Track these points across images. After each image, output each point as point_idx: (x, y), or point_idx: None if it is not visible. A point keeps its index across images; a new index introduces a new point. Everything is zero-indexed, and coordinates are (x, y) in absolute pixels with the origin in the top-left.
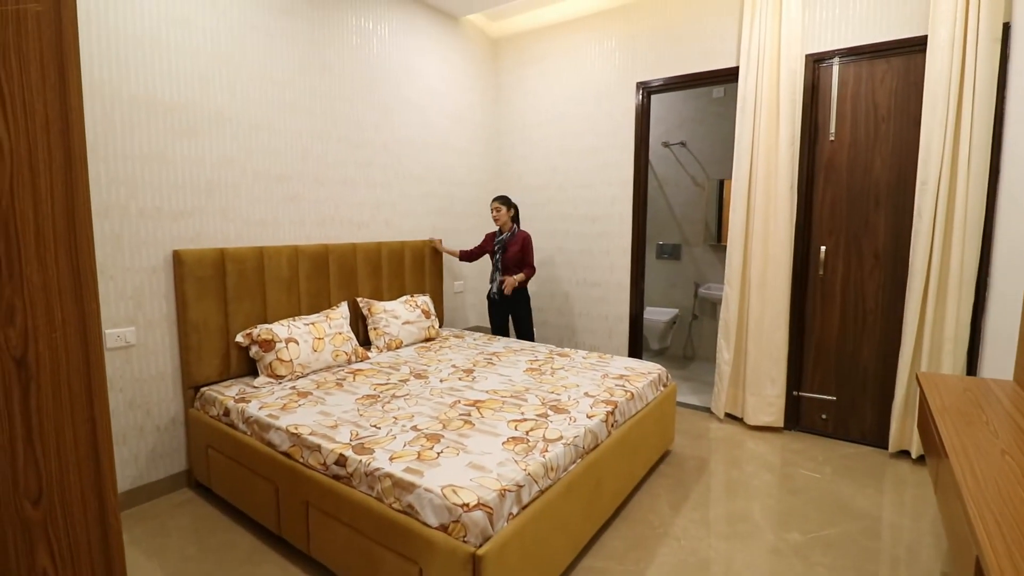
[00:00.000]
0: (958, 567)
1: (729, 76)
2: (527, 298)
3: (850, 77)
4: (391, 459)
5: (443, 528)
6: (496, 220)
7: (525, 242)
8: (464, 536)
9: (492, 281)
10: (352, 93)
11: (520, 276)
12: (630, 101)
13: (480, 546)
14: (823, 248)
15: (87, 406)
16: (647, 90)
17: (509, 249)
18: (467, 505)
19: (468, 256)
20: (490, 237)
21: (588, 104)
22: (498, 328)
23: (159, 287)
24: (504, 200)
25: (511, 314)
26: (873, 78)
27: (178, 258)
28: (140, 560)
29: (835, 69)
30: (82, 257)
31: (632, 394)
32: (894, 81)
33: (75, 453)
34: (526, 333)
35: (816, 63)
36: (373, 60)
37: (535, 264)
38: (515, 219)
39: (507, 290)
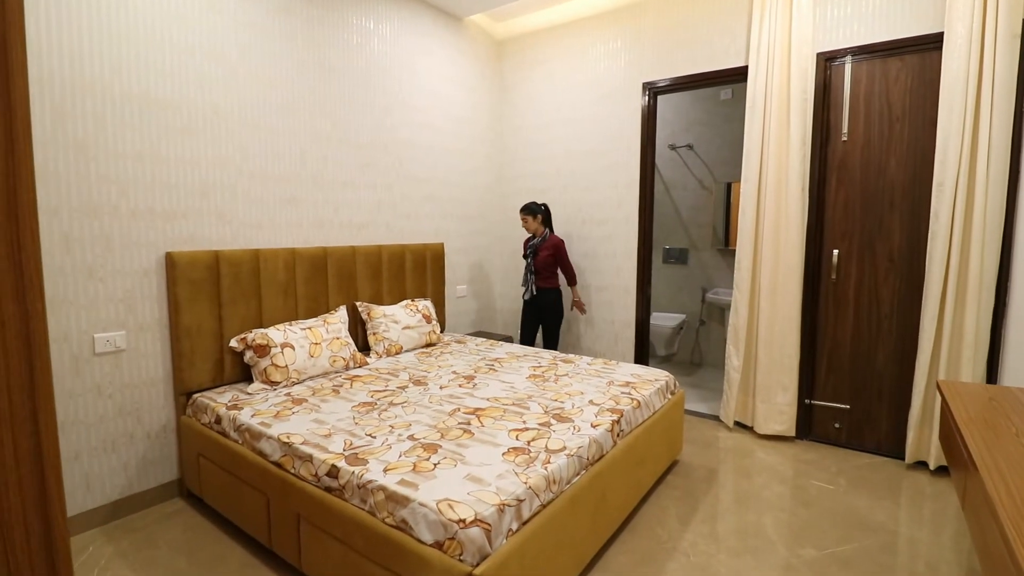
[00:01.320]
0: None
1: (738, 76)
2: (560, 307)
3: (863, 76)
4: (385, 471)
5: (438, 545)
6: (526, 230)
7: (557, 248)
8: (460, 554)
9: (524, 283)
10: (352, 93)
11: (578, 299)
12: (636, 102)
13: (477, 565)
14: (836, 251)
15: (30, 419)
16: (653, 91)
17: (539, 254)
18: (463, 521)
19: (523, 279)
20: (526, 243)
21: (593, 105)
22: (526, 330)
23: (151, 290)
24: (528, 209)
25: (541, 320)
26: (887, 77)
27: (171, 260)
28: (126, 574)
29: (847, 68)
30: (25, 253)
31: (639, 402)
32: (909, 79)
33: (16, 471)
34: (551, 341)
35: (828, 62)
36: (374, 60)
37: (572, 271)
38: (547, 223)
39: (582, 311)
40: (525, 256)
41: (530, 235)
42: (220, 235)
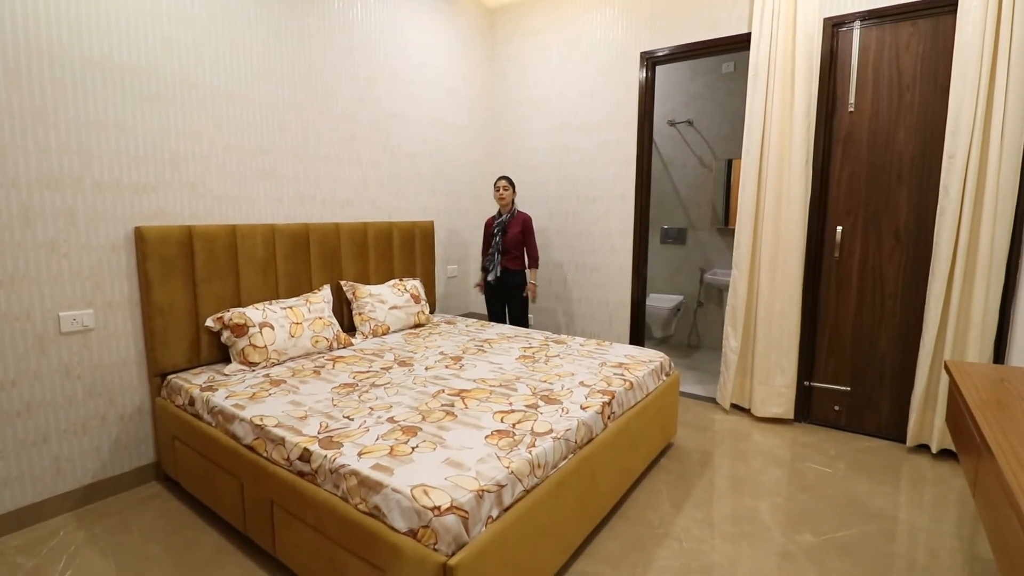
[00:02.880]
0: None
1: (740, 44)
2: (523, 285)
3: (872, 42)
4: (360, 455)
5: (412, 533)
6: (502, 199)
7: (526, 225)
8: (435, 543)
9: (489, 264)
10: (334, 63)
11: (533, 282)
12: (634, 73)
13: (452, 555)
14: (839, 228)
15: None
16: (652, 61)
17: (509, 231)
18: (438, 508)
19: (488, 260)
20: (489, 222)
21: (589, 77)
22: (495, 314)
23: (120, 267)
24: (510, 180)
25: (507, 301)
26: (897, 43)
27: (140, 235)
28: (96, 561)
29: (856, 33)
30: None
31: (631, 383)
32: (921, 45)
33: None
34: (519, 321)
35: (835, 27)
36: (357, 27)
37: (537, 252)
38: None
39: (533, 298)
40: (492, 235)
41: (493, 215)
42: (193, 210)
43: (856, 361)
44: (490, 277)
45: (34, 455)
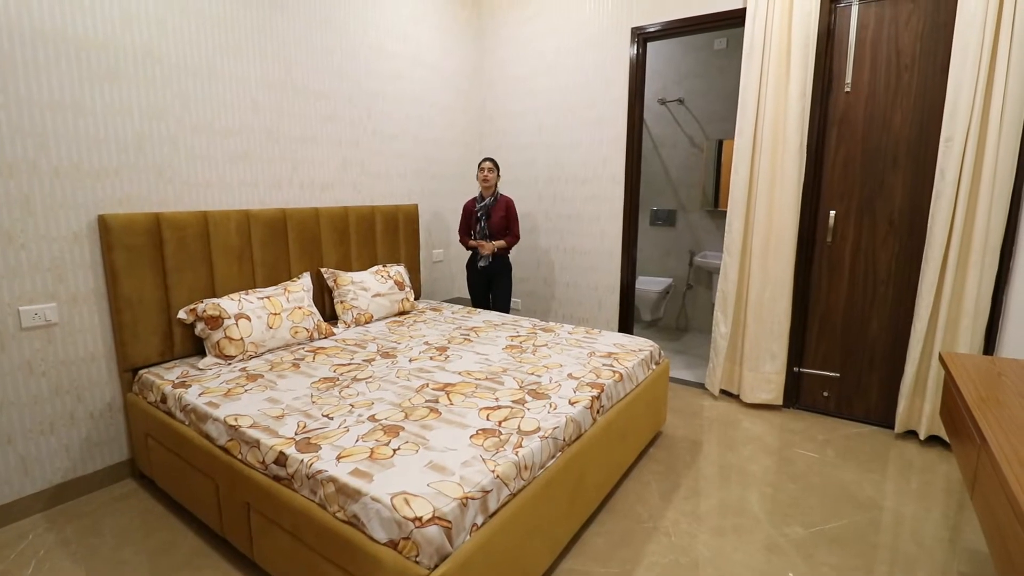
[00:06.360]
0: None
1: (735, 19)
2: (509, 270)
3: (871, 19)
4: (338, 458)
5: (392, 544)
6: (486, 182)
7: (510, 208)
8: (416, 556)
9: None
10: (309, 35)
11: (501, 243)
12: (624, 50)
13: (435, 567)
14: (832, 213)
15: None
16: (643, 37)
17: (494, 215)
18: (420, 519)
19: (468, 241)
20: (470, 205)
21: (578, 54)
22: (479, 299)
23: (83, 257)
24: (495, 161)
25: (490, 285)
26: (897, 20)
27: (104, 224)
28: (66, 566)
29: (854, 10)
30: None
31: (621, 375)
32: (921, 23)
33: None
34: (503, 307)
35: (833, 3)
36: None
37: (519, 232)
38: None
39: (483, 251)
40: (476, 219)
41: (473, 198)
42: (161, 196)
43: (846, 347)
44: (481, 263)
45: None
